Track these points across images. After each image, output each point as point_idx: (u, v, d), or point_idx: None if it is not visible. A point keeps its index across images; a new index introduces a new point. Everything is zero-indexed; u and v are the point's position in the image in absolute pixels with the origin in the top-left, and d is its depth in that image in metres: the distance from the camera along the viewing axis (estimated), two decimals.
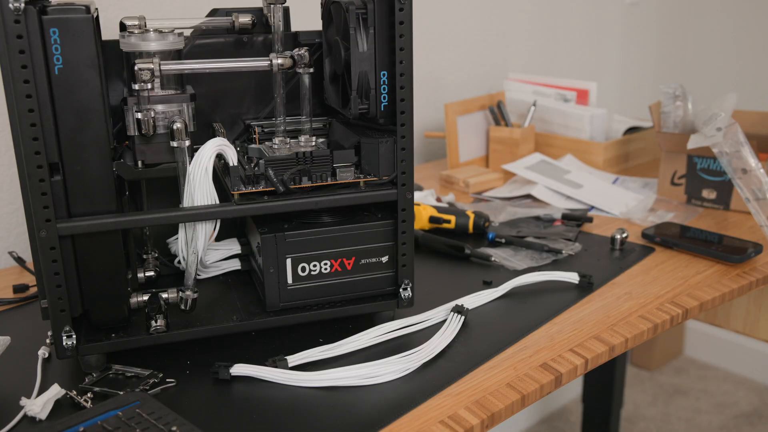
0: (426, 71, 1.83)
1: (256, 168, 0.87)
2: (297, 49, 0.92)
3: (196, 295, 0.89)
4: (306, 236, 0.89)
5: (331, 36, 0.98)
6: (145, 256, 1.00)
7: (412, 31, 0.86)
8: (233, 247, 1.04)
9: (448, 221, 1.26)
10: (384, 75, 0.89)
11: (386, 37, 0.88)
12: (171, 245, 1.03)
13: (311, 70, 0.94)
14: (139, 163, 0.86)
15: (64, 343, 0.82)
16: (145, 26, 0.88)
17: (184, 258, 0.88)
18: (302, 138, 0.97)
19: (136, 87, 0.83)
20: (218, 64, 0.90)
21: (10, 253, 1.21)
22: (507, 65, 2.02)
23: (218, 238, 1.06)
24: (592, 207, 1.41)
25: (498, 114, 1.66)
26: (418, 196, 1.38)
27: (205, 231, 0.87)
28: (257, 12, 1.00)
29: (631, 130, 1.73)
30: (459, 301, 0.99)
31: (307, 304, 0.92)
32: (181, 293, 0.89)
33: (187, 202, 0.85)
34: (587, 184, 1.48)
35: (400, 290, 0.94)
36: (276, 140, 0.98)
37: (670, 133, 1.42)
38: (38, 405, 0.77)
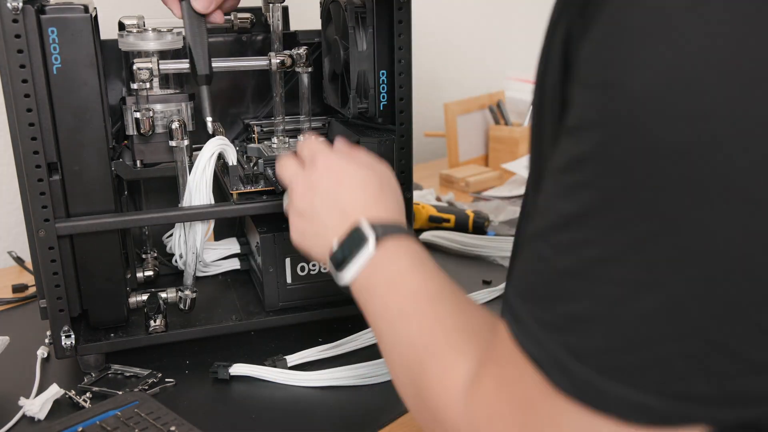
0: (426, 71, 1.82)
1: (255, 167, 0.87)
2: (296, 49, 0.92)
3: (195, 295, 0.89)
4: None
5: (330, 35, 0.98)
6: (144, 256, 1.00)
7: (411, 30, 0.86)
8: (232, 246, 1.03)
9: (448, 220, 1.26)
10: (383, 74, 0.89)
11: (385, 36, 0.88)
12: (166, 243, 1.03)
13: (310, 69, 0.93)
14: (138, 162, 0.86)
15: (63, 343, 0.82)
16: (144, 25, 0.87)
17: (180, 255, 0.88)
18: (301, 137, 0.97)
19: (135, 86, 0.83)
20: (217, 63, 0.90)
21: (9, 252, 1.21)
22: (507, 65, 2.01)
23: (217, 238, 1.06)
24: None
25: (498, 113, 1.66)
26: (417, 195, 1.38)
27: (202, 230, 0.87)
28: (256, 11, 1.00)
29: None
30: None
31: (307, 304, 0.92)
32: (180, 293, 0.89)
33: (186, 202, 0.85)
34: None
35: None
36: (275, 139, 0.98)
37: None
38: (37, 405, 0.76)
